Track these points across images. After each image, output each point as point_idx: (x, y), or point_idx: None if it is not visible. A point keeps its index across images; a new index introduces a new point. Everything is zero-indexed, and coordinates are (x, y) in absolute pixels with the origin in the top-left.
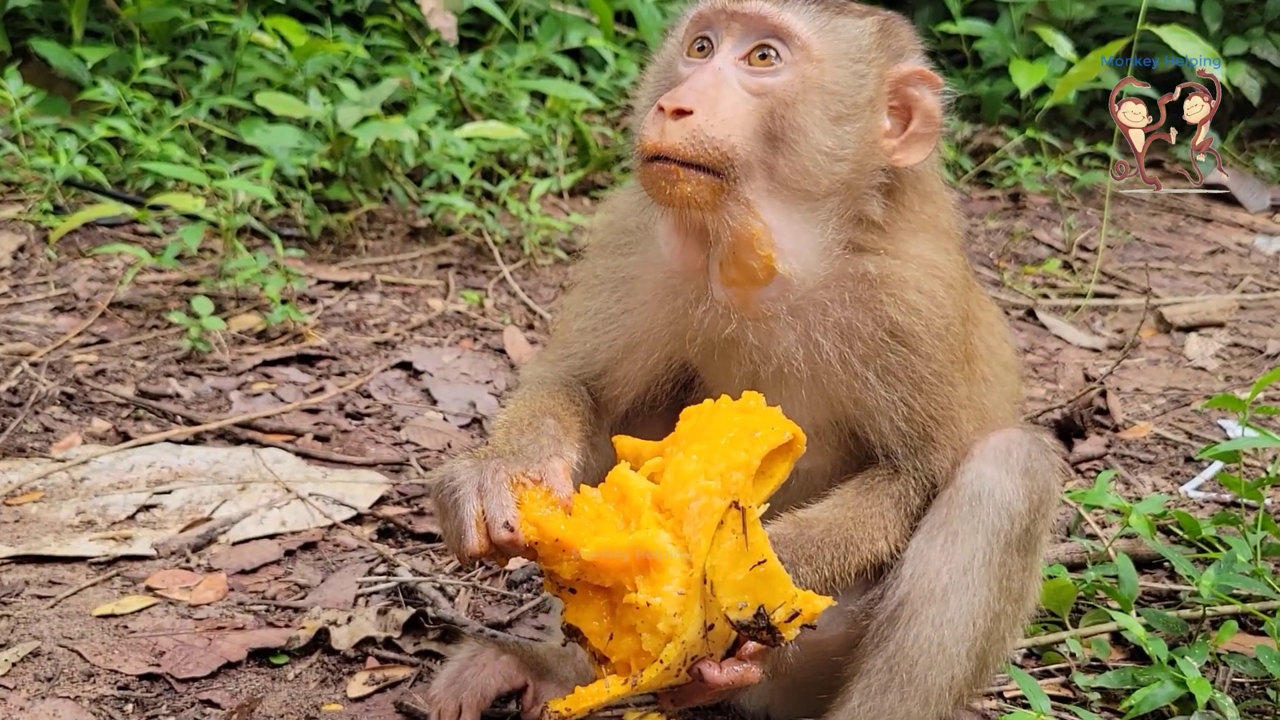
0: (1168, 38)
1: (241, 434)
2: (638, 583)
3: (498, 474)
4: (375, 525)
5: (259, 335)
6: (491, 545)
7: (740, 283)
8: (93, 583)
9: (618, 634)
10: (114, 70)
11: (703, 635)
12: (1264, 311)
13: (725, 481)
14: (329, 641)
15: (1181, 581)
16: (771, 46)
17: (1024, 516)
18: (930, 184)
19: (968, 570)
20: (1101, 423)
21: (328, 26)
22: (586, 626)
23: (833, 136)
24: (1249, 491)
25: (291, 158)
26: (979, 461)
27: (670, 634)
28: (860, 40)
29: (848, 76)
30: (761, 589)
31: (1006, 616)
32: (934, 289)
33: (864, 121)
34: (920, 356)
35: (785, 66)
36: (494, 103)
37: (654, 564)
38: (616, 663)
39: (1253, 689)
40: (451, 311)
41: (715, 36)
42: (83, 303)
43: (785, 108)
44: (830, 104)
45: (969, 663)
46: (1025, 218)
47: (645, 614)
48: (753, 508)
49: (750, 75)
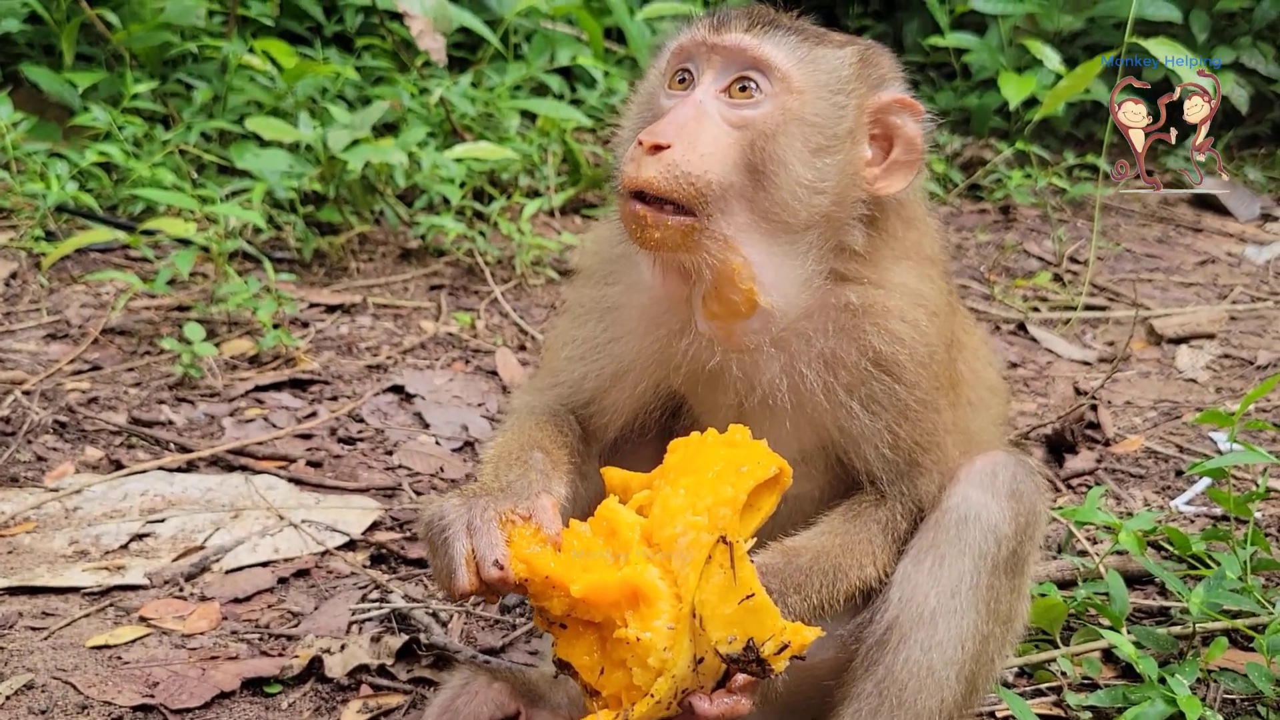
0: (1155, 50)
1: (234, 461)
2: (627, 618)
3: (486, 512)
4: (368, 551)
5: (251, 360)
6: (482, 584)
7: (723, 316)
8: (86, 613)
9: (608, 668)
10: (105, 95)
11: (692, 669)
12: (1254, 322)
13: (712, 517)
14: (322, 670)
15: (1173, 598)
16: (751, 78)
17: (1010, 539)
18: (913, 210)
19: (955, 594)
20: (1092, 437)
21: (318, 48)
22: (578, 661)
23: (813, 169)
24: (1238, 507)
25: (282, 181)
26: (965, 485)
27: (660, 668)
28: (840, 71)
29: (828, 108)
30: (750, 622)
31: (995, 638)
32: (918, 317)
33: (844, 153)
34: (904, 385)
35: (765, 98)
36: (484, 122)
37: (643, 599)
38: (608, 696)
39: (1243, 706)
40: (443, 333)
41: (696, 69)
42: (75, 330)
43: (765, 140)
44: (810, 136)
45: (958, 685)
46: (1016, 230)
47: (635, 649)
48: (740, 542)
49: (731, 108)
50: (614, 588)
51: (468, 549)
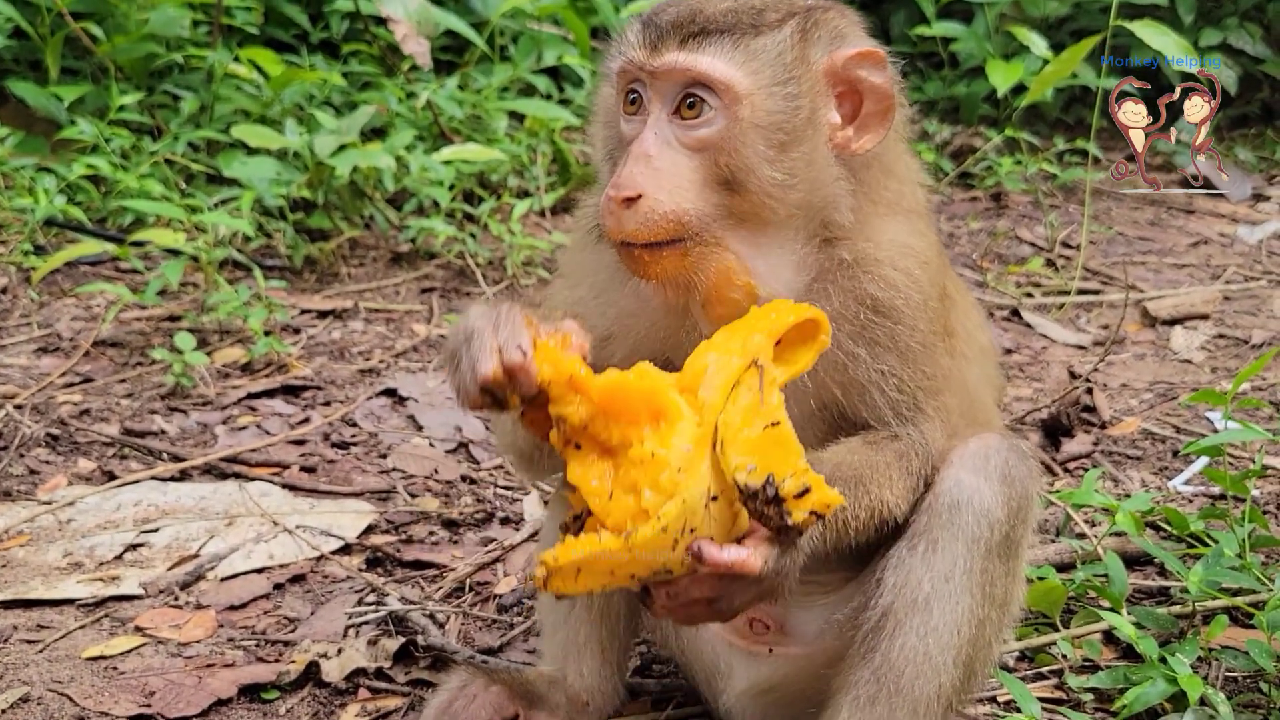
0: (1140, 32)
1: (227, 468)
2: (645, 436)
3: (513, 310)
4: (363, 555)
5: (243, 368)
6: (504, 371)
7: (726, 315)
8: (81, 625)
9: (618, 494)
10: (92, 108)
11: (705, 504)
12: (1248, 301)
13: (745, 345)
14: (320, 674)
15: (1172, 578)
16: (697, 94)
17: (1003, 523)
18: (893, 158)
19: (949, 579)
20: (1089, 420)
21: (304, 55)
22: (586, 486)
23: (780, 168)
24: (1234, 485)
25: (271, 188)
26: (957, 469)
27: (672, 490)
28: (783, 56)
29: (780, 103)
30: (772, 453)
31: (991, 622)
32: (909, 266)
33: (809, 139)
34: (904, 327)
35: (716, 113)
36: (472, 124)
37: (664, 416)
38: (612, 525)
39: (1245, 683)
40: (435, 336)
41: (643, 92)
42: (66, 342)
43: (726, 156)
44: (770, 136)
45: (956, 670)
46: (1007, 217)
47: (649, 466)
48: (772, 367)
49: (685, 129)
50: (636, 396)
51: (493, 342)
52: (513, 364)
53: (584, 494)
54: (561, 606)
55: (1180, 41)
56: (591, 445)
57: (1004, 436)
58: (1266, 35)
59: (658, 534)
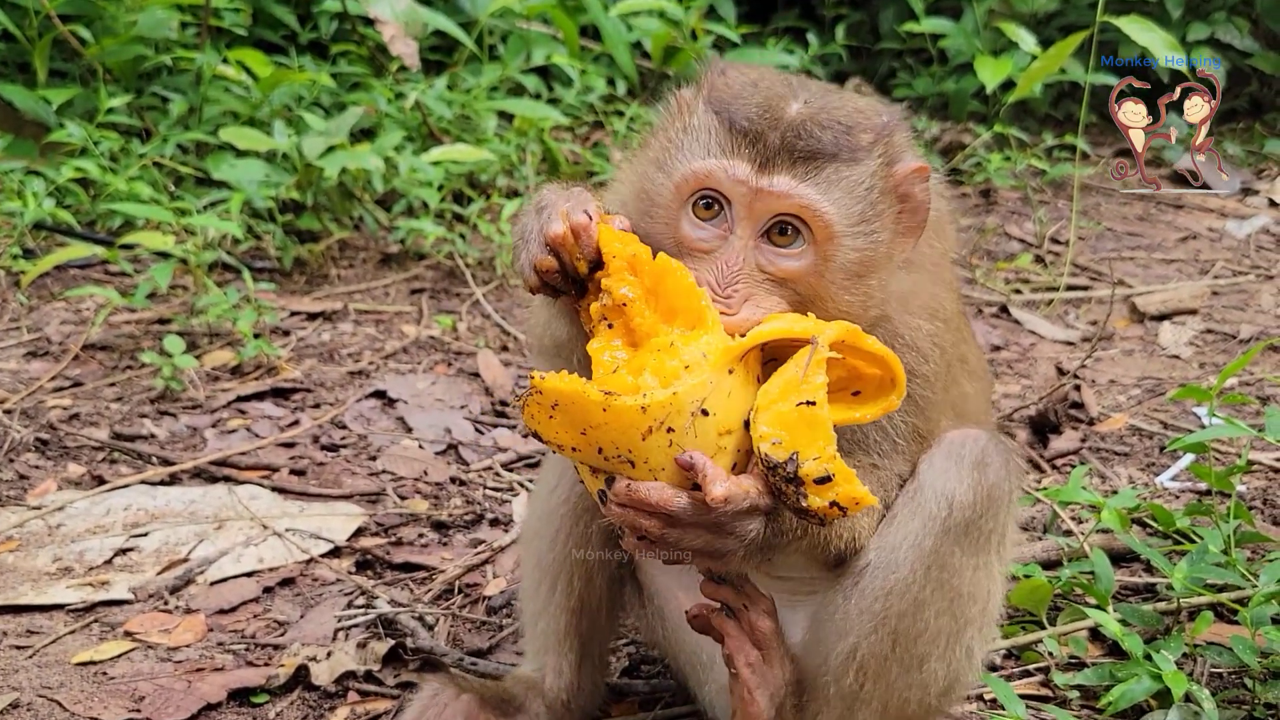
0: (1126, 28)
1: (217, 472)
2: (675, 333)
3: (581, 190)
4: (353, 557)
5: (233, 371)
6: (571, 230)
7: None
8: (71, 630)
9: (625, 369)
10: (80, 110)
11: (694, 411)
12: (1236, 296)
13: (818, 324)
14: (309, 678)
15: (1159, 574)
16: (792, 224)
17: (966, 507)
18: (943, 221)
19: (895, 549)
20: (1077, 417)
21: (293, 56)
22: (598, 358)
23: (857, 294)
24: (1220, 481)
25: (260, 190)
26: (932, 452)
27: (670, 380)
28: (871, 190)
29: (864, 241)
30: (802, 432)
31: (939, 610)
32: (933, 328)
33: (884, 269)
34: (918, 384)
35: (807, 247)
36: (461, 125)
37: (700, 324)
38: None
39: (1230, 679)
40: (425, 337)
41: (730, 207)
42: (55, 346)
43: (808, 287)
44: (850, 268)
45: (876, 638)
46: (996, 213)
47: (663, 354)
48: (824, 348)
49: (772, 256)
50: (685, 291)
51: (564, 207)
52: (578, 224)
53: (594, 364)
54: (542, 595)
55: (1167, 37)
56: (622, 328)
57: (988, 431)
58: (1254, 29)
59: (636, 410)
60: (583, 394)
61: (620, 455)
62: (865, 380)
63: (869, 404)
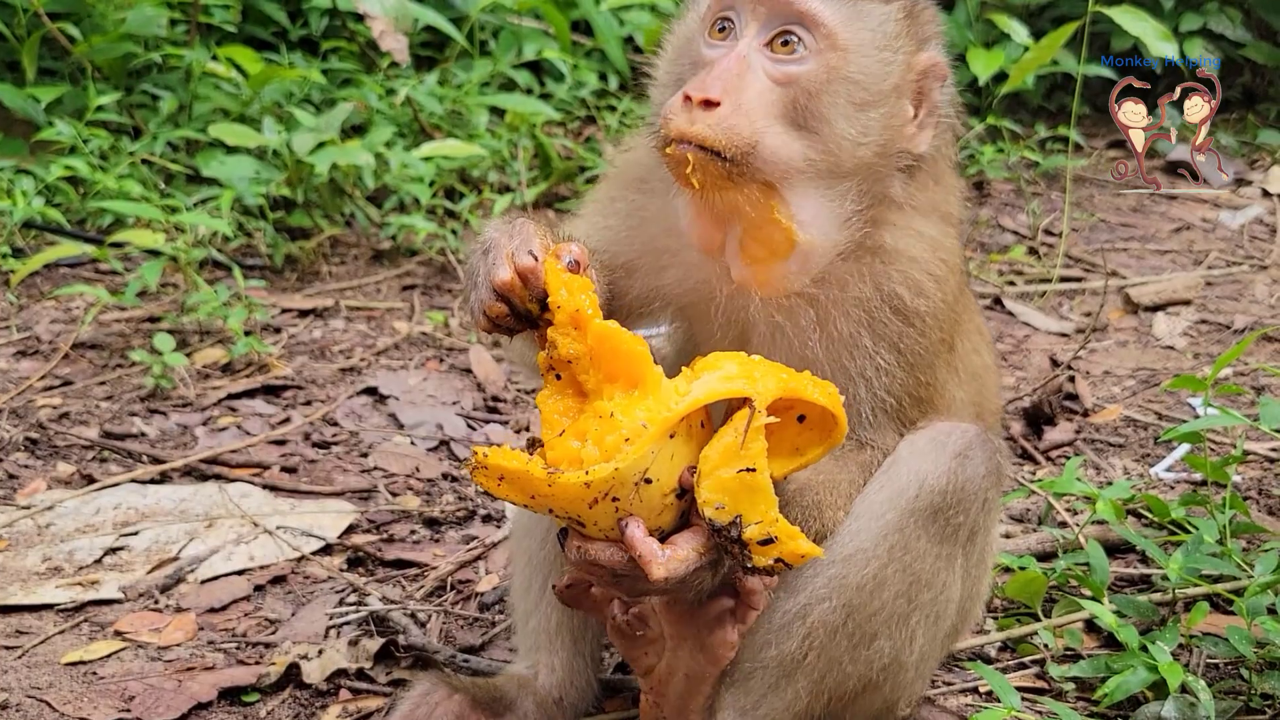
0: (1119, 18)
1: (208, 470)
2: (615, 395)
3: (526, 223)
4: (344, 555)
5: (224, 369)
6: (517, 275)
7: (761, 259)
8: (60, 630)
9: (569, 435)
10: (70, 108)
11: (636, 482)
12: (1230, 286)
13: (751, 380)
14: (300, 676)
15: (1154, 565)
16: (795, 33)
17: (937, 493)
18: (941, 167)
19: (856, 517)
20: (1071, 408)
21: (283, 53)
22: (547, 413)
23: (857, 124)
24: (1215, 471)
25: (250, 187)
26: (918, 433)
27: (611, 454)
28: (885, 27)
29: (873, 65)
30: (743, 498)
31: (898, 593)
32: (938, 270)
33: (888, 107)
34: (914, 330)
35: (810, 54)
36: (453, 120)
37: (641, 386)
38: (550, 459)
39: (1226, 670)
40: (417, 333)
41: (738, 19)
42: (45, 345)
43: (809, 97)
44: (855, 92)
45: (829, 606)
46: (990, 205)
47: (602, 425)
48: (761, 413)
49: (774, 63)
50: (625, 355)
51: (508, 249)
52: (524, 268)
53: (542, 421)
54: (533, 592)
55: (1159, 27)
56: (570, 380)
57: (980, 429)
58: (1246, 19)
59: (579, 486)
60: (526, 472)
61: (570, 517)
62: (809, 405)
63: (814, 447)
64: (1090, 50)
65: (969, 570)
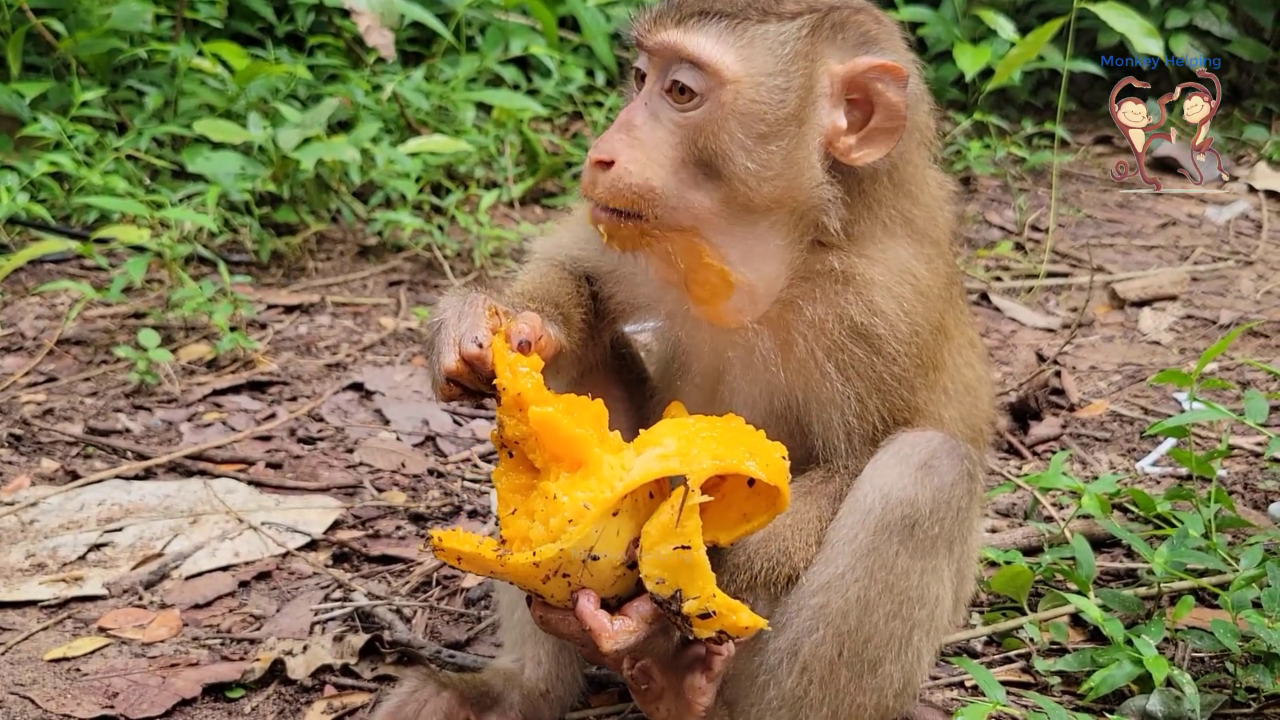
0: (1104, 14)
1: (193, 466)
2: (560, 476)
3: (475, 302)
4: (330, 550)
5: (209, 364)
6: (464, 363)
7: (707, 300)
8: (44, 626)
9: (520, 512)
10: (55, 104)
11: (583, 560)
12: (1216, 282)
13: (686, 458)
14: (285, 672)
15: (1139, 560)
16: (687, 75)
17: (906, 505)
18: (906, 177)
19: (832, 544)
20: (1057, 403)
21: (270, 49)
22: (501, 491)
23: (756, 158)
24: (1200, 466)
25: (236, 183)
26: (881, 451)
27: (556, 535)
28: (782, 49)
29: (767, 94)
30: (682, 573)
31: (890, 614)
32: (905, 293)
33: (790, 137)
34: (883, 358)
35: (702, 95)
36: (439, 116)
37: (584, 468)
38: (504, 535)
39: (1212, 663)
40: (403, 329)
41: (644, 66)
42: (30, 341)
43: (708, 138)
44: (753, 125)
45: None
46: (977, 201)
47: (549, 506)
48: (695, 492)
49: (674, 109)
50: (564, 439)
51: (455, 334)
52: (469, 356)
53: (497, 498)
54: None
55: (1144, 24)
56: (521, 457)
57: (945, 436)
58: (1233, 15)
59: (529, 565)
60: (478, 554)
61: (528, 588)
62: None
63: (760, 514)
64: (1076, 46)
65: (955, 573)
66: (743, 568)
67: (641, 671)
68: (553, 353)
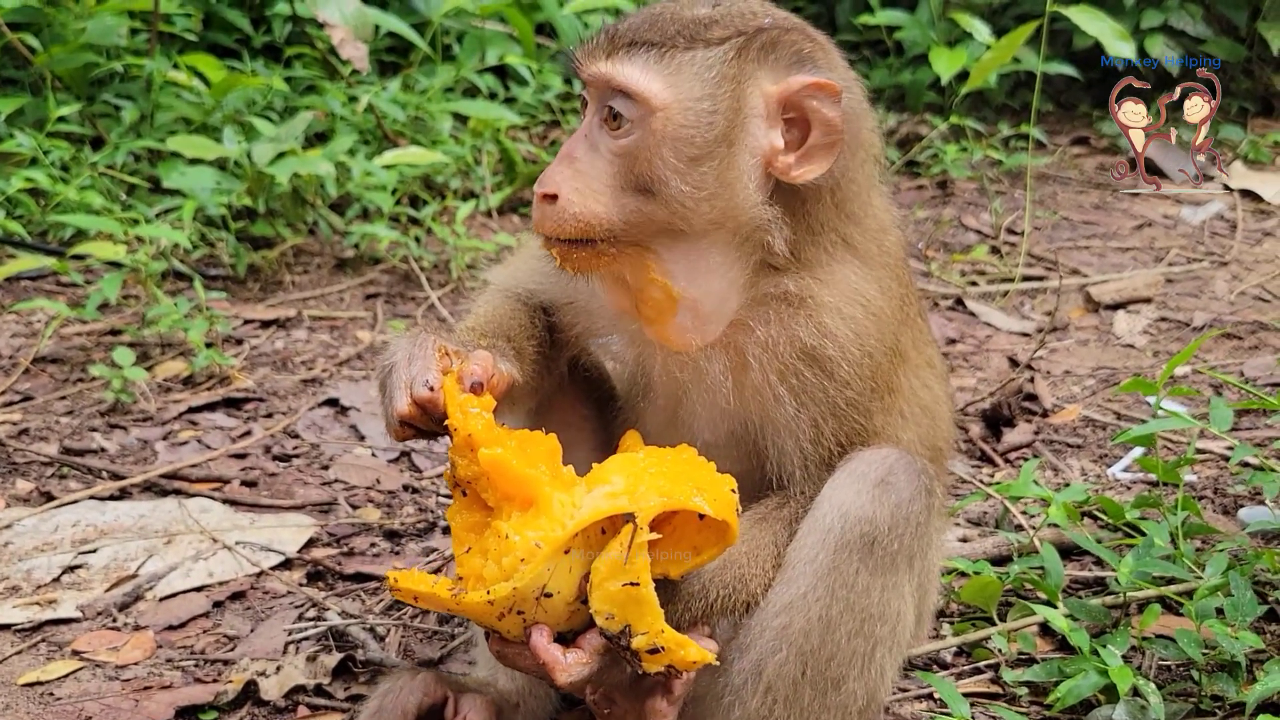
0: (1076, 17)
1: (168, 485)
2: (513, 516)
3: (426, 344)
4: (304, 569)
5: (185, 381)
6: (415, 406)
7: (655, 319)
8: (17, 650)
9: (475, 551)
10: (30, 119)
11: (536, 597)
12: (1191, 283)
13: (634, 496)
14: (258, 693)
15: (1108, 568)
16: (620, 104)
17: (864, 523)
18: (848, 197)
19: (792, 565)
20: (1030, 409)
21: (246, 60)
22: (455, 530)
23: (689, 180)
24: (1167, 473)
25: (212, 198)
26: (838, 471)
27: (509, 574)
28: (708, 74)
29: (695, 118)
30: (632, 610)
31: (852, 633)
32: (855, 315)
33: (722, 158)
34: (836, 382)
35: (634, 122)
36: (416, 127)
37: (535, 506)
38: (460, 573)
39: (1178, 671)
40: (380, 342)
41: (587, 96)
42: (5, 360)
43: (640, 164)
44: (681, 149)
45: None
46: (953, 204)
47: (501, 545)
48: (643, 529)
49: (612, 137)
50: (515, 479)
51: (406, 377)
52: (420, 399)
53: (452, 536)
54: None
55: (1116, 26)
56: (475, 496)
57: (901, 451)
58: (1207, 15)
59: (484, 604)
60: (434, 594)
61: (484, 625)
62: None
63: (711, 546)
64: (1052, 48)
65: (915, 589)
66: (698, 596)
67: (604, 697)
68: (504, 389)
